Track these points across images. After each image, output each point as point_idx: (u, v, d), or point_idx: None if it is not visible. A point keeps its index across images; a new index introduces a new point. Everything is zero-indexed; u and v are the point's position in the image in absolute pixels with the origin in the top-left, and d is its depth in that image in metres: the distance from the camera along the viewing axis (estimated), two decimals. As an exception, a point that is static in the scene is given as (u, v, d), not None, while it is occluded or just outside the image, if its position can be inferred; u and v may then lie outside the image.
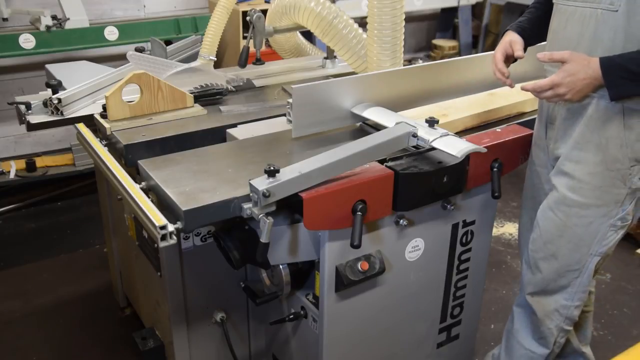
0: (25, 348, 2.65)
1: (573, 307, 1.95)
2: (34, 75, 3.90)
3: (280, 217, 1.72)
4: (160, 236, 1.51)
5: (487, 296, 2.98)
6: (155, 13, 4.26)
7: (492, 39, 5.82)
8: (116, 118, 2.11)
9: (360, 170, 1.68)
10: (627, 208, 1.79)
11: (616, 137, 1.70)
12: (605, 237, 1.83)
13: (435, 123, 1.82)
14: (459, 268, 2.07)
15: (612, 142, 1.70)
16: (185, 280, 2.01)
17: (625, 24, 1.59)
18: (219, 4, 2.65)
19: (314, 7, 2.39)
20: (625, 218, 1.82)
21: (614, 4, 1.60)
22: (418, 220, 1.86)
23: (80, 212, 3.82)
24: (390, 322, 1.99)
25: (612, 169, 1.72)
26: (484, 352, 2.63)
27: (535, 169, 2.02)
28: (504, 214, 3.81)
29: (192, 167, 1.79)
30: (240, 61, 2.55)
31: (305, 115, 1.95)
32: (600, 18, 1.63)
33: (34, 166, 3.68)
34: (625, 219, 1.82)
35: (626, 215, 1.81)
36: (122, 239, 2.57)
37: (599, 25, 1.64)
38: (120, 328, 2.75)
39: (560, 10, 1.77)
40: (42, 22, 3.48)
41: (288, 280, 1.87)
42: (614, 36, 1.61)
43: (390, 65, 2.24)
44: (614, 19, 1.60)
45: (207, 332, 2.15)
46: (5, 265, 3.24)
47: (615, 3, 1.59)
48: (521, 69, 2.12)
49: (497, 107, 2.17)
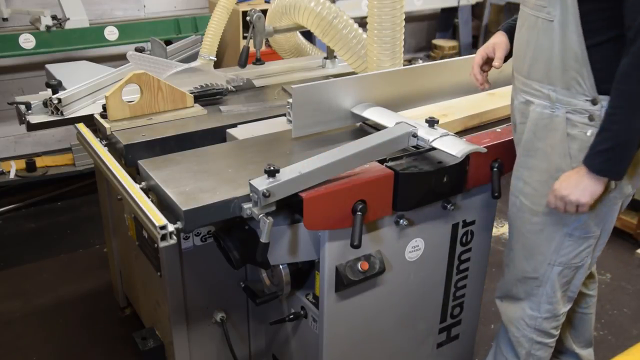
0: (25, 348, 2.65)
1: (541, 318, 1.91)
2: (34, 75, 3.89)
3: (280, 217, 1.72)
4: (160, 236, 1.51)
5: (487, 296, 2.97)
6: (155, 13, 4.26)
7: (492, 39, 5.82)
8: (116, 118, 2.11)
9: (360, 170, 1.68)
10: (583, 219, 1.72)
11: (559, 146, 1.67)
12: (563, 247, 1.79)
13: (435, 123, 1.82)
14: (459, 268, 2.07)
15: (556, 150, 1.68)
16: (185, 280, 2.01)
17: (561, 34, 1.56)
18: (219, 4, 2.65)
19: (314, 7, 2.39)
20: (587, 230, 1.75)
21: (550, 14, 1.57)
22: (418, 220, 1.86)
23: (80, 212, 3.82)
24: (390, 322, 1.99)
25: (556, 178, 1.68)
26: (484, 352, 2.63)
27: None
28: (504, 214, 3.79)
29: (192, 167, 1.79)
30: (240, 61, 2.55)
31: (305, 115, 1.95)
32: (540, 27, 1.62)
33: (34, 166, 3.68)
34: (586, 231, 1.75)
35: (585, 227, 1.75)
36: (122, 239, 2.57)
37: (540, 33, 1.63)
38: (120, 328, 2.75)
39: (520, 15, 1.75)
40: (42, 22, 3.48)
41: (288, 280, 1.87)
42: (552, 45, 1.60)
43: (390, 65, 2.24)
44: (551, 28, 1.58)
45: (207, 332, 2.15)
46: (5, 265, 3.24)
47: (551, 13, 1.57)
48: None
49: (497, 107, 2.17)
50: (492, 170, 1.89)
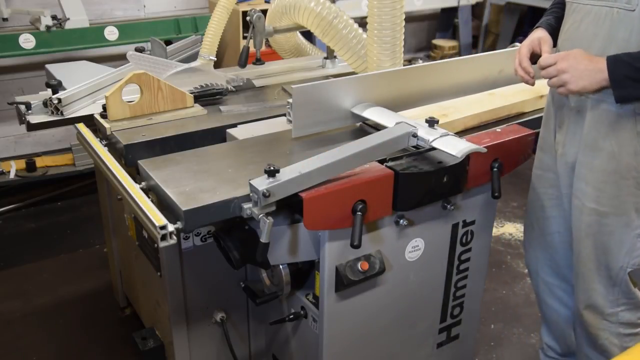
0: (25, 348, 2.65)
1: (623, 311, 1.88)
2: (34, 75, 3.90)
3: (280, 217, 1.72)
4: (160, 236, 1.51)
5: (487, 296, 2.98)
6: (155, 13, 4.26)
7: (492, 39, 5.83)
8: (116, 118, 2.11)
9: (360, 170, 1.68)
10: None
11: (629, 145, 1.66)
12: (635, 248, 1.76)
13: (435, 123, 1.82)
14: (459, 268, 2.07)
15: (625, 149, 1.66)
16: (185, 280, 2.01)
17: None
18: (219, 4, 2.65)
19: (314, 7, 2.39)
20: None
21: (631, 3, 1.57)
22: (418, 220, 1.86)
23: (80, 212, 3.82)
24: (390, 322, 1.99)
25: (628, 177, 1.67)
26: (484, 352, 2.63)
27: (538, 173, 2.01)
28: (504, 214, 3.81)
29: (192, 167, 1.79)
30: (240, 61, 2.55)
31: (305, 115, 1.95)
32: (616, 17, 1.61)
33: (34, 166, 3.68)
34: None
35: None
36: (122, 239, 2.57)
37: (614, 24, 1.62)
38: (120, 328, 2.75)
39: (574, 10, 1.75)
40: (42, 22, 3.48)
41: (288, 280, 1.87)
42: (629, 36, 1.59)
43: (390, 65, 2.24)
44: (630, 18, 1.58)
45: (207, 332, 2.15)
46: (5, 265, 3.24)
47: (632, 2, 1.57)
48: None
49: (497, 107, 2.17)
50: (492, 170, 1.88)
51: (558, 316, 2.22)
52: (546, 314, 2.27)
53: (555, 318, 2.23)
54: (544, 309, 2.27)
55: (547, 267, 2.15)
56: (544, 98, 2.26)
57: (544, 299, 2.24)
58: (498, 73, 2.38)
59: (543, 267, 2.16)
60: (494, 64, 2.37)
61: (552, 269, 2.14)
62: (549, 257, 2.12)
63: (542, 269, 2.17)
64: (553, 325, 2.26)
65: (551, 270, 2.14)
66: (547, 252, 2.11)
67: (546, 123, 1.96)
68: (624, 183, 1.70)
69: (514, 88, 2.34)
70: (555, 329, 2.26)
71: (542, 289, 2.22)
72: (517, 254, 3.39)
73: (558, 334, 2.27)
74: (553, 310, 2.22)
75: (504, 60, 2.38)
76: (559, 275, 2.13)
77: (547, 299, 2.22)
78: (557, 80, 1.64)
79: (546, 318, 2.29)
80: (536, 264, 2.18)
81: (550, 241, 2.08)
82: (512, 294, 3.05)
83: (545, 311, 2.26)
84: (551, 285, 2.17)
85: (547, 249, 2.10)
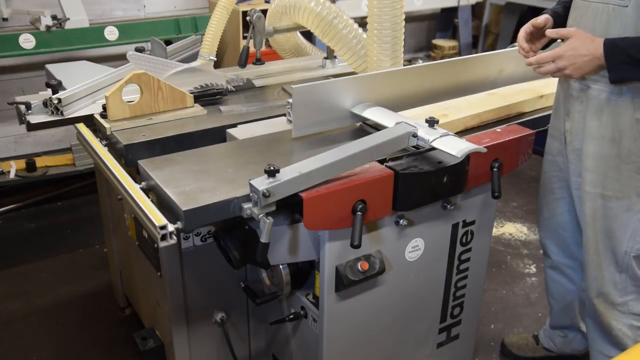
0: (25, 348, 2.65)
1: (633, 301, 1.93)
2: (34, 75, 3.89)
3: (280, 217, 1.72)
4: (160, 236, 1.51)
5: (487, 296, 2.98)
6: (155, 13, 4.26)
7: (492, 39, 5.82)
8: (116, 118, 2.11)
9: (360, 170, 1.68)
10: None
11: (629, 130, 1.73)
12: (638, 233, 1.83)
13: (435, 123, 1.82)
14: (459, 268, 2.07)
15: (625, 135, 1.74)
16: (185, 280, 2.01)
17: (634, 19, 1.63)
18: (219, 4, 2.65)
19: (314, 7, 2.39)
20: None
21: (624, 0, 1.63)
22: (418, 220, 1.86)
23: (80, 212, 3.82)
24: (390, 322, 1.99)
25: (628, 162, 1.75)
26: (484, 352, 2.63)
27: (549, 158, 2.09)
28: (504, 214, 3.81)
29: (192, 167, 1.79)
30: (240, 61, 2.55)
31: (305, 115, 1.95)
32: (611, 14, 1.67)
33: (34, 166, 3.68)
34: None
35: None
36: (122, 239, 2.57)
37: (609, 20, 1.68)
38: (120, 328, 2.75)
39: (576, 6, 1.83)
40: (42, 22, 3.48)
41: (288, 280, 1.87)
42: (624, 31, 1.65)
43: (390, 65, 2.24)
44: (624, 14, 1.64)
45: (207, 332, 2.15)
46: (5, 265, 3.24)
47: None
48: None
49: (497, 107, 2.16)
50: (492, 170, 1.88)
51: (565, 290, 2.34)
52: (552, 290, 2.39)
53: (562, 291, 2.37)
54: (550, 285, 2.39)
55: (556, 247, 2.28)
56: (544, 98, 2.27)
57: (550, 275, 2.36)
58: (498, 73, 2.39)
59: (551, 246, 2.28)
60: (494, 64, 2.37)
61: (561, 248, 2.27)
62: (558, 237, 2.24)
63: (550, 248, 2.29)
64: (558, 296, 2.38)
65: (560, 250, 2.28)
66: (556, 232, 2.24)
67: (556, 111, 2.04)
68: (625, 167, 1.77)
69: (514, 88, 2.34)
70: (560, 299, 2.38)
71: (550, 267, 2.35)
72: (517, 254, 3.39)
73: (562, 305, 2.38)
74: (560, 285, 2.34)
75: (504, 60, 2.38)
76: (566, 253, 2.27)
77: (554, 276, 2.34)
78: (559, 74, 1.76)
79: (552, 292, 2.40)
80: (546, 243, 2.31)
81: (561, 221, 2.18)
82: (512, 294, 3.05)
83: (552, 287, 2.38)
84: (559, 264, 2.30)
85: (557, 229, 2.23)
